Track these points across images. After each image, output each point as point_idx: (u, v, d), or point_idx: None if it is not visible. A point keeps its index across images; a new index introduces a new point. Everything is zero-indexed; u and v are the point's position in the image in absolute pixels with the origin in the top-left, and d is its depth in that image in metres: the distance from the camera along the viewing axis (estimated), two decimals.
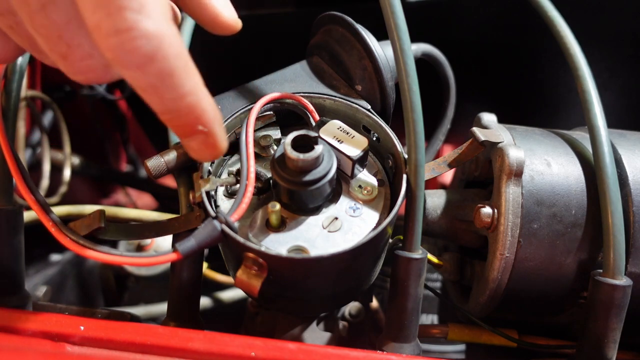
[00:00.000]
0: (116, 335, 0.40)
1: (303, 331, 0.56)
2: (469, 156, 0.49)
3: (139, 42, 0.32)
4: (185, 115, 0.36)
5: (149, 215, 0.64)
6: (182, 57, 0.34)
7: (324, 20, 0.52)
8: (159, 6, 0.33)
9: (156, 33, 0.32)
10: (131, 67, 0.33)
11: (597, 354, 0.46)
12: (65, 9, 0.33)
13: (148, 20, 0.32)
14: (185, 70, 0.34)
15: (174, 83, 0.34)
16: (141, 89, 0.34)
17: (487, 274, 0.49)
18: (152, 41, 0.32)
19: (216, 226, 0.40)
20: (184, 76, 0.34)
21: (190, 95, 0.35)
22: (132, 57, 0.32)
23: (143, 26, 0.32)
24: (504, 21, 0.70)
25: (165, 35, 0.33)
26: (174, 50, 0.33)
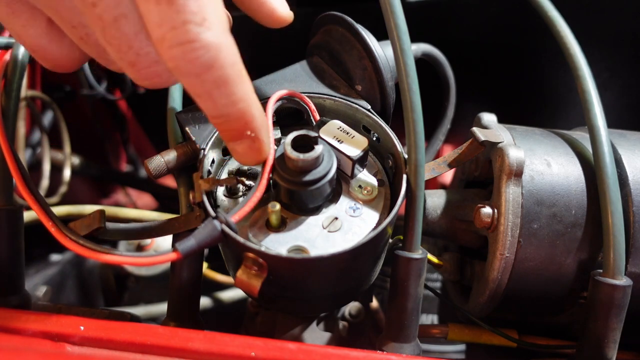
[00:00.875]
0: (116, 335, 0.40)
1: (303, 331, 0.56)
2: (469, 156, 0.49)
3: (199, 53, 0.34)
4: (235, 120, 0.37)
5: (149, 215, 0.64)
6: (237, 65, 0.36)
7: (324, 20, 0.52)
8: (219, 17, 0.35)
9: (215, 44, 0.34)
10: (190, 75, 0.35)
11: (597, 354, 0.46)
12: (134, 21, 0.35)
13: (208, 32, 0.34)
14: (239, 78, 0.36)
15: (228, 90, 0.36)
16: (197, 94, 0.36)
17: (487, 274, 0.49)
18: (211, 51, 0.34)
19: (216, 226, 0.40)
20: (237, 83, 0.36)
21: (242, 102, 0.37)
22: (192, 66, 0.34)
23: (204, 38, 0.34)
24: (504, 21, 0.70)
25: (223, 46, 0.35)
26: (230, 59, 0.35)
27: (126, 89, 0.82)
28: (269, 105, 0.45)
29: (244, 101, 0.37)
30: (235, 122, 0.38)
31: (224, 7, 0.37)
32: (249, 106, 0.37)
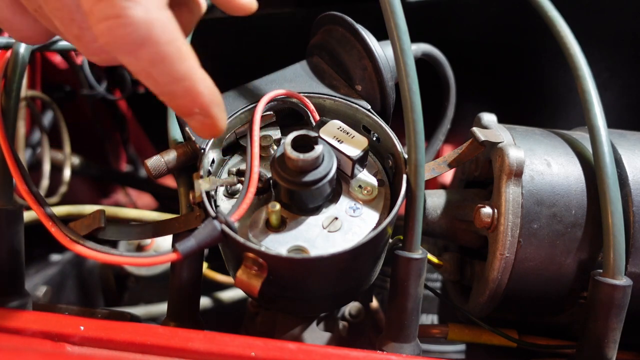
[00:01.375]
0: (116, 335, 0.40)
1: (303, 331, 0.56)
2: (469, 156, 0.49)
3: (128, 29, 0.33)
4: (181, 97, 0.36)
5: (149, 215, 0.64)
6: (175, 42, 0.35)
7: (324, 20, 0.52)
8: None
9: (145, 20, 0.33)
10: (123, 53, 0.34)
11: (597, 354, 0.46)
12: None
13: (137, 7, 0.33)
14: (179, 55, 0.35)
15: (167, 68, 0.35)
16: (135, 72, 0.35)
17: (487, 274, 0.49)
18: (141, 28, 0.33)
19: (216, 226, 0.40)
20: (176, 61, 0.35)
21: (185, 79, 0.36)
22: (123, 43, 0.33)
23: (132, 13, 0.32)
24: (504, 21, 0.70)
25: (156, 22, 0.33)
26: (165, 36, 0.34)
27: (126, 89, 0.82)
28: (261, 104, 0.45)
29: (187, 79, 0.36)
30: (182, 99, 0.37)
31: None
32: (194, 83, 0.36)
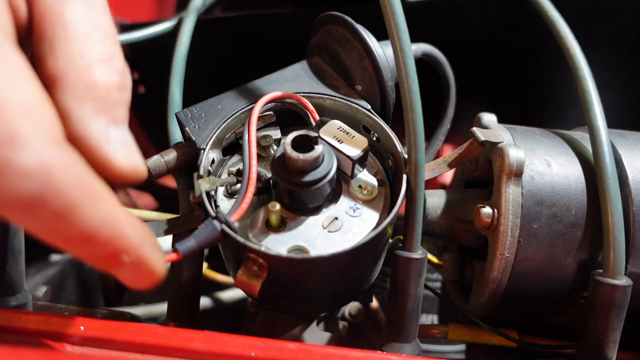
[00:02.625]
0: (116, 335, 0.40)
1: (303, 331, 0.56)
2: (469, 156, 0.49)
3: (19, 184, 0.26)
4: (102, 249, 0.29)
5: (149, 215, 0.64)
6: (84, 184, 0.28)
7: (324, 20, 0.52)
8: (41, 126, 0.27)
9: (40, 167, 0.26)
10: (16, 212, 0.27)
11: (597, 354, 0.46)
12: None
13: (25, 152, 0.26)
14: (91, 199, 0.28)
15: (79, 219, 0.28)
16: (38, 232, 0.28)
17: (487, 274, 0.49)
18: (36, 178, 0.26)
19: (216, 226, 0.40)
20: (90, 208, 0.28)
21: (103, 226, 0.29)
22: (14, 202, 0.26)
23: (19, 162, 0.25)
24: (504, 21, 0.70)
25: (55, 167, 0.26)
26: (70, 181, 0.27)
27: None
28: (257, 106, 0.45)
29: (106, 224, 0.29)
30: (103, 251, 0.29)
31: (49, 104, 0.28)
32: (114, 228, 0.29)
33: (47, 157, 0.26)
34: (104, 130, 0.31)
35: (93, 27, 0.32)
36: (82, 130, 0.31)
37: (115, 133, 0.32)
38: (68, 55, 0.31)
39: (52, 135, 0.27)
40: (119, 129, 0.33)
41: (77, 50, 0.31)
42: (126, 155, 0.33)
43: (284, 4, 0.82)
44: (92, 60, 0.32)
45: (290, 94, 0.47)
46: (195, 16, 0.63)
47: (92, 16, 0.33)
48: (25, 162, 0.26)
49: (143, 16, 1.11)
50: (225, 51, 0.76)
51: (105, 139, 0.31)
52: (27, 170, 0.26)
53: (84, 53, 0.32)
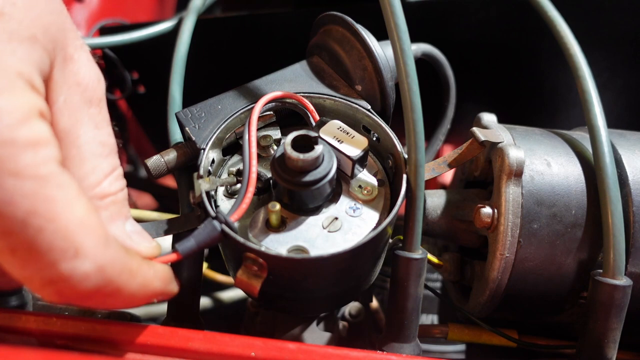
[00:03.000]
0: (116, 335, 0.40)
1: (303, 331, 0.56)
2: (469, 156, 0.49)
3: (81, 286, 0.32)
4: (141, 302, 0.37)
5: (149, 215, 0.64)
6: (125, 267, 0.35)
7: (324, 20, 0.52)
8: (95, 235, 0.33)
9: (97, 269, 0.32)
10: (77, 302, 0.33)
11: (597, 354, 0.46)
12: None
13: (86, 261, 0.32)
14: (131, 276, 0.35)
15: (123, 294, 0.35)
16: (92, 307, 0.36)
17: (487, 274, 0.49)
18: (94, 278, 0.32)
19: (216, 226, 0.40)
20: (130, 283, 0.35)
21: (140, 290, 0.36)
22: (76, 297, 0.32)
23: (81, 271, 0.32)
24: (504, 21, 0.70)
25: (106, 265, 0.33)
26: (116, 269, 0.34)
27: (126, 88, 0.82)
28: (258, 105, 0.45)
29: (143, 288, 0.36)
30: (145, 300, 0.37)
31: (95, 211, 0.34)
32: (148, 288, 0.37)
33: (101, 259, 0.33)
34: (122, 231, 0.39)
35: (101, 147, 0.38)
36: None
37: (129, 226, 0.40)
38: (82, 175, 0.37)
39: (102, 239, 0.33)
40: (129, 222, 0.40)
41: (89, 170, 0.37)
42: (142, 240, 0.40)
43: (284, 4, 0.82)
44: (101, 176, 0.38)
45: (291, 94, 0.47)
46: (195, 16, 0.63)
47: (100, 136, 0.38)
48: (87, 269, 0.32)
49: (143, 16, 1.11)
50: (225, 51, 0.76)
51: (125, 236, 0.39)
52: (88, 274, 0.32)
53: (95, 171, 0.37)
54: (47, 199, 0.31)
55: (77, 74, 0.37)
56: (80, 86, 0.37)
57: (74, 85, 0.37)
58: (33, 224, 0.30)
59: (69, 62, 0.37)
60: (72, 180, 0.33)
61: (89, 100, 0.38)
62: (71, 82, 0.37)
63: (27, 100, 0.32)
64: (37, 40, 0.34)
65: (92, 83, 0.38)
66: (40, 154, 0.31)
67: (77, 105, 0.37)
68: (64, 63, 0.37)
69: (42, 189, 0.31)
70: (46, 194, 0.31)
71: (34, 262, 0.31)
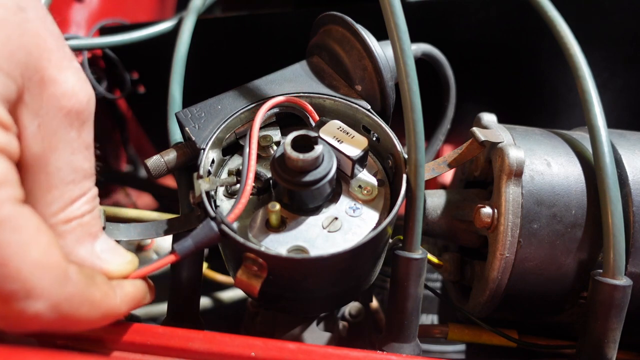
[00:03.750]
0: (116, 335, 0.40)
1: (303, 331, 0.56)
2: (469, 156, 0.49)
3: (33, 323, 0.32)
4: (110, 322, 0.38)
5: (149, 215, 0.64)
6: (85, 299, 0.34)
7: (324, 20, 0.52)
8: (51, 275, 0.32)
9: (51, 308, 0.32)
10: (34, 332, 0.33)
11: (597, 354, 0.46)
12: None
13: (37, 302, 0.32)
14: (93, 308, 0.35)
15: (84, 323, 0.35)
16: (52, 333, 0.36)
17: (487, 274, 0.49)
18: (48, 316, 0.33)
19: (213, 227, 0.40)
20: (92, 313, 0.35)
21: (104, 318, 0.37)
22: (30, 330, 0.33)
23: (32, 311, 0.32)
24: (504, 21, 0.70)
25: (62, 302, 0.33)
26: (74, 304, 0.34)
27: (126, 88, 0.82)
28: (260, 113, 0.45)
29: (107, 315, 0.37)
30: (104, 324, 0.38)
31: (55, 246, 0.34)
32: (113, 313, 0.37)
33: (55, 298, 0.33)
34: (90, 251, 0.38)
35: (73, 173, 0.37)
36: (75, 260, 0.37)
37: (99, 245, 0.39)
38: (47, 201, 0.36)
39: (59, 277, 0.33)
40: (99, 239, 0.39)
41: (55, 196, 0.36)
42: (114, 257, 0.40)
43: (284, 4, 0.82)
44: (67, 202, 0.37)
45: (292, 98, 0.47)
46: (195, 16, 0.63)
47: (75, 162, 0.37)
48: (39, 309, 0.32)
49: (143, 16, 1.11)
50: (225, 51, 0.76)
51: (94, 257, 0.38)
52: (41, 313, 0.32)
53: (62, 198, 0.36)
54: (1, 244, 0.31)
55: (61, 98, 0.36)
56: (62, 110, 0.36)
57: (53, 109, 0.35)
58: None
59: (50, 85, 0.35)
60: (32, 218, 0.33)
61: (69, 124, 0.36)
62: (50, 106, 0.35)
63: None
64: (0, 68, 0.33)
65: (78, 105, 0.36)
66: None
67: (53, 130, 0.36)
68: (41, 87, 0.35)
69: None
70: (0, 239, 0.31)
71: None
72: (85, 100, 0.37)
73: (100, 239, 0.39)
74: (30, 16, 0.35)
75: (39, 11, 0.36)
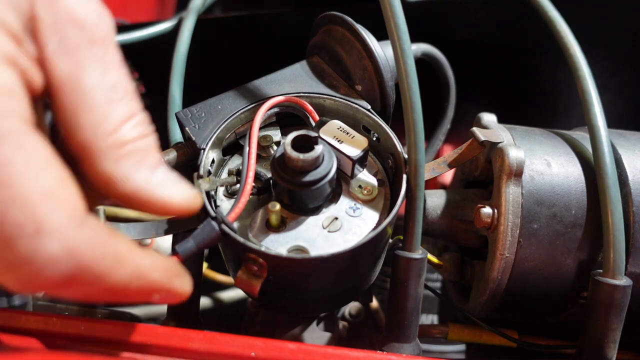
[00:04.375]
0: (116, 335, 0.40)
1: (303, 331, 0.56)
2: (469, 156, 0.49)
3: (49, 270, 0.27)
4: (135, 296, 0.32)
5: (148, 215, 0.64)
6: (109, 252, 0.30)
7: (324, 20, 0.52)
8: (64, 210, 0.28)
9: (67, 251, 0.27)
10: (52, 290, 0.29)
11: (597, 354, 0.46)
12: None
13: (51, 240, 0.27)
14: (117, 263, 0.30)
15: (109, 283, 0.30)
16: (75, 297, 0.30)
17: (487, 274, 0.49)
18: (64, 262, 0.27)
19: (214, 227, 0.40)
20: (118, 271, 0.30)
21: (132, 281, 0.31)
22: (47, 285, 0.28)
23: (45, 253, 0.27)
24: (504, 21, 0.70)
25: (80, 246, 0.28)
26: (96, 254, 0.29)
27: None
28: (260, 113, 0.45)
29: (135, 279, 0.31)
30: (136, 297, 0.33)
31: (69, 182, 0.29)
32: (142, 280, 0.31)
33: (72, 239, 0.28)
34: (150, 180, 0.34)
35: (112, 90, 0.33)
36: (133, 188, 0.33)
37: (160, 175, 0.34)
38: (93, 124, 0.32)
39: (74, 215, 0.28)
40: (160, 170, 0.35)
41: (100, 117, 0.32)
42: (177, 190, 0.35)
43: (284, 4, 0.82)
44: (117, 123, 0.33)
45: (292, 98, 0.47)
46: (195, 16, 0.63)
47: (109, 78, 0.33)
48: (53, 250, 0.27)
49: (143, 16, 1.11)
50: (225, 51, 0.76)
51: (155, 186, 0.34)
52: (55, 257, 0.27)
53: (107, 118, 0.32)
54: (2, 159, 0.27)
55: (71, 10, 0.32)
56: (76, 23, 0.32)
57: (68, 22, 0.32)
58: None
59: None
60: (43, 146, 0.29)
61: (89, 39, 0.32)
62: (64, 19, 0.32)
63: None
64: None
65: (90, 20, 0.33)
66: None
67: (76, 45, 0.32)
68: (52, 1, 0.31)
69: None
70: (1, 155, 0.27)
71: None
72: (97, 16, 0.33)
73: (162, 169, 0.35)
74: None
75: None
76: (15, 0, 0.30)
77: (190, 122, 0.47)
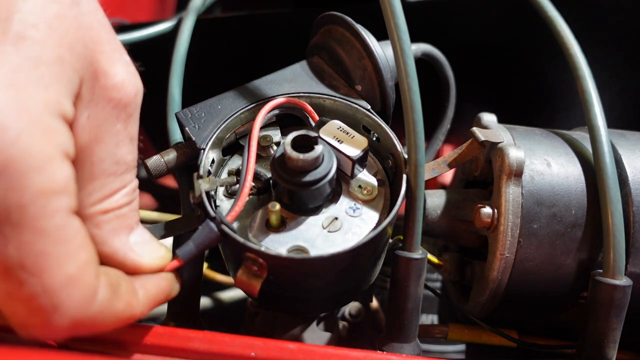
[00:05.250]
0: (116, 335, 0.40)
1: (303, 331, 0.56)
2: (469, 156, 0.49)
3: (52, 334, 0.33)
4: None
5: (149, 215, 0.64)
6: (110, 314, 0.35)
7: (324, 21, 0.52)
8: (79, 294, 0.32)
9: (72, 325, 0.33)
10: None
11: (597, 354, 0.46)
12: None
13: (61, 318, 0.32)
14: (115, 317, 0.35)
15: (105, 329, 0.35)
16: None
17: (487, 274, 0.49)
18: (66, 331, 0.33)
19: (213, 227, 0.40)
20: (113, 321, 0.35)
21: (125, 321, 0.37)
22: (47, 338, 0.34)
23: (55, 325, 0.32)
24: (504, 21, 0.70)
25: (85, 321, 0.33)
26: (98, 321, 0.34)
27: None
28: (260, 116, 0.45)
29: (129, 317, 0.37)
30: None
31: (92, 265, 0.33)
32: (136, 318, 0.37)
33: (81, 317, 0.33)
34: (125, 243, 0.38)
35: (115, 164, 0.36)
36: (109, 251, 0.37)
37: (134, 237, 0.38)
38: (88, 191, 0.36)
39: (87, 296, 0.33)
40: (136, 232, 0.39)
41: (96, 187, 0.36)
42: (148, 251, 0.39)
43: (284, 4, 0.82)
44: (107, 193, 0.36)
45: (293, 99, 0.47)
46: (195, 16, 0.63)
47: (117, 155, 0.37)
48: (62, 325, 0.32)
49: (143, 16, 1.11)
50: (225, 51, 0.76)
51: (127, 249, 0.38)
52: (62, 328, 0.32)
53: (102, 189, 0.36)
54: (39, 253, 0.30)
55: (110, 90, 0.36)
56: (111, 102, 0.36)
57: (103, 101, 0.35)
58: (15, 276, 0.30)
59: (102, 77, 0.35)
60: (79, 231, 0.33)
61: (116, 117, 0.36)
62: (100, 98, 0.35)
63: (50, 141, 0.31)
64: (65, 61, 0.33)
65: (126, 98, 0.36)
66: (50, 205, 0.30)
67: (100, 122, 0.35)
68: (95, 79, 0.35)
69: (38, 243, 0.30)
70: (39, 250, 0.30)
71: (12, 306, 0.31)
72: (133, 93, 0.37)
73: (136, 232, 0.39)
74: (84, 9, 0.35)
75: (91, 4, 0.36)
76: (70, 86, 0.33)
77: (190, 122, 0.47)
